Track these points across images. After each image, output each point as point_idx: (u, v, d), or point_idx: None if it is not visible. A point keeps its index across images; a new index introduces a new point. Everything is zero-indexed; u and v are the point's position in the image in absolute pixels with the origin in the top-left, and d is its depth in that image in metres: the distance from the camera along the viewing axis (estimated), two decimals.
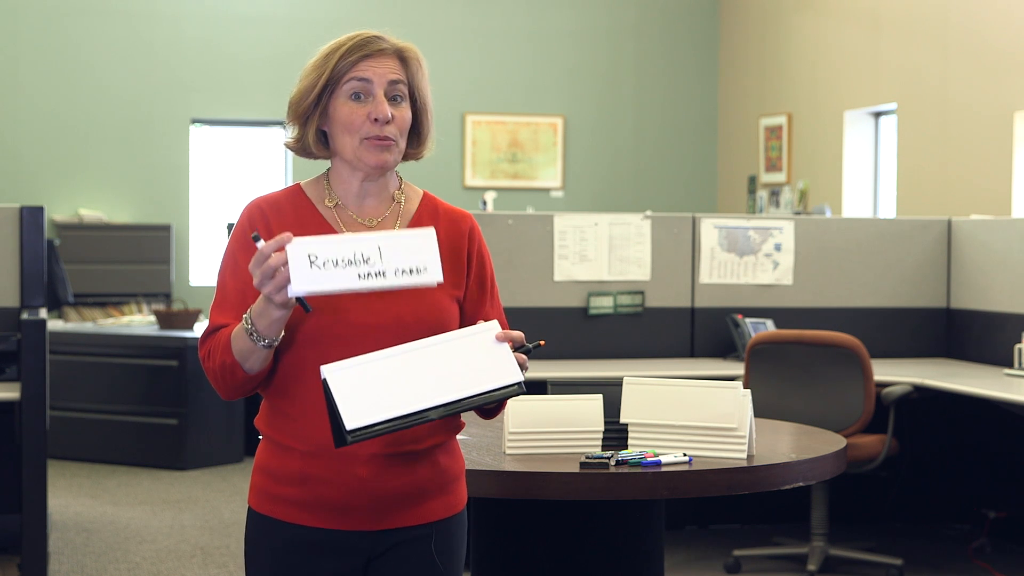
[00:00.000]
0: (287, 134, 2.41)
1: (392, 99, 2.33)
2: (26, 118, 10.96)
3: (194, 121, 11.34)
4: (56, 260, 7.83)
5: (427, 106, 2.39)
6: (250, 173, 11.60)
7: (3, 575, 5.50)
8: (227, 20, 11.29)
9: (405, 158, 2.41)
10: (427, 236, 2.20)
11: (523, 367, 2.25)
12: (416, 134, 2.40)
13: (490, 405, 2.28)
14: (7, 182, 10.86)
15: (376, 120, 2.31)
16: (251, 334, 2.20)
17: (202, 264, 11.36)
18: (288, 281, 2.13)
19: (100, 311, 10.21)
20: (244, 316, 2.22)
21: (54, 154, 11.01)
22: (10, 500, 5.62)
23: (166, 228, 10.90)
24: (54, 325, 8.31)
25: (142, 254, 10.82)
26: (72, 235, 10.65)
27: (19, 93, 10.95)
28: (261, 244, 2.14)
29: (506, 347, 2.22)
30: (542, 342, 2.36)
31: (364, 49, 2.33)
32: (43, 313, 5.42)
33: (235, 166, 11.57)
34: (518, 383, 2.22)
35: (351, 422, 2.14)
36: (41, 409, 5.12)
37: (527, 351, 2.28)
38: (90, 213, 10.92)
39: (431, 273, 2.19)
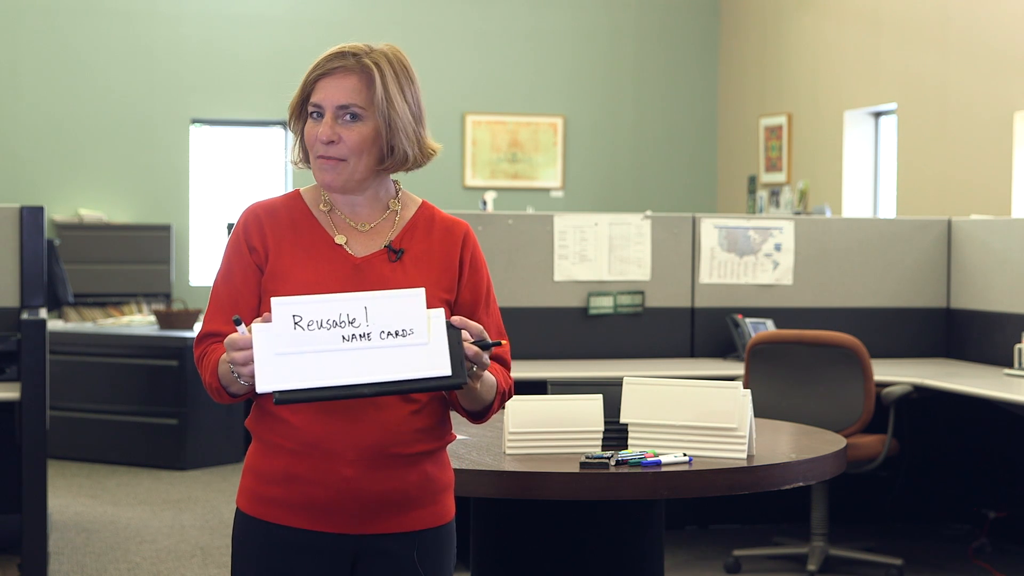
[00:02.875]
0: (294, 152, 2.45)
1: (346, 119, 2.33)
2: (26, 118, 10.95)
3: (194, 121, 11.34)
4: (56, 260, 7.82)
5: (400, 120, 2.35)
6: (250, 173, 11.60)
7: (3, 575, 5.50)
8: (227, 20, 11.29)
9: (405, 169, 2.42)
10: (415, 296, 2.17)
11: (474, 361, 2.20)
12: (390, 147, 2.37)
13: (420, 393, 2.24)
14: (7, 182, 10.86)
15: (320, 141, 2.33)
16: (233, 372, 2.21)
17: (202, 264, 11.36)
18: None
19: (100, 311, 10.21)
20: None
21: (54, 154, 11.01)
22: (10, 500, 5.62)
23: (166, 228, 10.90)
24: (54, 325, 8.30)
25: (142, 254, 10.82)
26: (72, 235, 10.65)
27: (19, 93, 10.95)
28: (241, 328, 2.15)
29: (444, 340, 2.15)
30: (504, 341, 2.33)
31: (322, 68, 2.35)
32: (43, 313, 5.42)
33: (235, 166, 11.57)
34: (446, 376, 2.15)
35: (270, 384, 2.11)
36: (41, 409, 5.12)
37: (486, 346, 2.23)
38: (90, 213, 10.92)
39: (417, 336, 2.14)
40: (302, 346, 2.13)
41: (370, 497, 2.31)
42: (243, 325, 2.16)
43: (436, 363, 2.14)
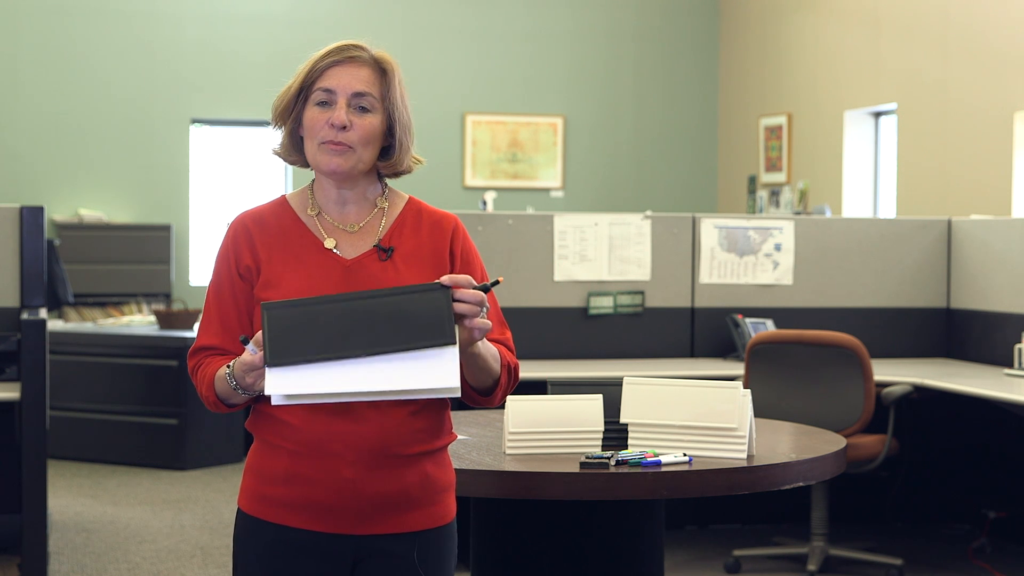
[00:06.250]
0: (276, 142, 2.47)
1: (357, 108, 2.35)
2: (26, 118, 10.95)
3: (194, 121, 11.34)
4: (56, 260, 7.83)
5: (402, 120, 2.39)
6: (250, 173, 11.60)
7: (3, 575, 5.50)
8: (227, 20, 11.29)
9: (393, 174, 2.43)
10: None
11: (467, 314, 2.20)
12: (389, 147, 2.40)
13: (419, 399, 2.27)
14: (7, 182, 10.86)
15: (332, 125, 2.34)
16: (234, 387, 2.26)
17: (202, 264, 11.36)
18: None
19: (100, 311, 10.21)
20: (227, 372, 2.28)
21: (54, 154, 11.01)
22: (10, 500, 5.62)
23: (166, 228, 10.91)
24: (54, 325, 8.30)
25: (142, 254, 10.82)
26: (72, 235, 10.65)
27: (19, 93, 10.95)
28: (250, 347, 2.19)
29: (454, 351, 2.19)
30: (500, 278, 2.34)
31: (337, 56, 2.36)
32: (43, 313, 5.42)
33: (235, 166, 11.57)
34: (454, 387, 2.18)
35: (279, 390, 2.15)
36: (41, 409, 5.12)
37: (485, 289, 2.25)
38: (90, 213, 10.92)
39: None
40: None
41: (370, 497, 2.31)
42: (251, 344, 2.19)
43: (444, 376, 2.17)
